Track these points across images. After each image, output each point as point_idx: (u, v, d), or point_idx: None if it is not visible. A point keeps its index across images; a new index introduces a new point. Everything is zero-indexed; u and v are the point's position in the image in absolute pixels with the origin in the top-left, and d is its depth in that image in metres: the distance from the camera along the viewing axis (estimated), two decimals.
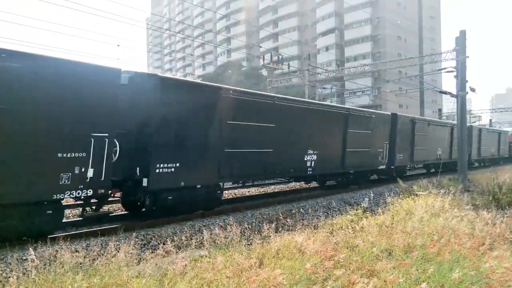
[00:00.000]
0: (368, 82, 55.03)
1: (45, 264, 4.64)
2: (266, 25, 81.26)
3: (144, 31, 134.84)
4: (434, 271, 4.84)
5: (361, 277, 4.62)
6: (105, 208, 9.35)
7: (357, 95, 39.00)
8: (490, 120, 61.27)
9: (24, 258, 5.37)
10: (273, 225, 7.29)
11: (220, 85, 10.28)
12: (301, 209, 11.06)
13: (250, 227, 8.51)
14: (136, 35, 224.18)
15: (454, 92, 19.87)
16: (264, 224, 7.28)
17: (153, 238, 7.36)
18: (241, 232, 6.60)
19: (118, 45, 33.35)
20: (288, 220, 9.53)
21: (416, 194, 11.70)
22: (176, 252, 5.72)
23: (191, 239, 6.14)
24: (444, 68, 22.19)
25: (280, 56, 35.72)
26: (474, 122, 50.17)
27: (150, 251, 5.72)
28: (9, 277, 4.19)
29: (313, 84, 34.43)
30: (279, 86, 34.72)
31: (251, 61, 77.54)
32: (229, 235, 6.32)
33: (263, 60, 35.92)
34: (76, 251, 5.11)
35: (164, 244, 5.47)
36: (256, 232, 7.02)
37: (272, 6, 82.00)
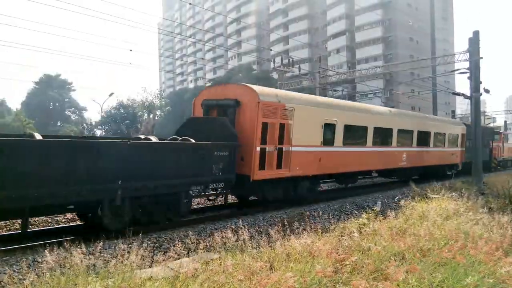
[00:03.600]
0: (380, 84, 54.53)
1: (60, 266, 4.72)
2: (276, 28, 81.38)
3: (156, 35, 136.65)
4: (448, 276, 4.76)
5: (373, 280, 4.57)
6: None
7: (368, 97, 38.72)
8: (505, 121, 60.00)
9: (39, 260, 5.48)
10: (284, 228, 7.27)
11: None
12: (313, 212, 10.99)
13: (260, 230, 8.50)
14: (148, 40, 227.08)
15: (468, 94, 19.58)
16: (275, 227, 7.27)
17: (165, 241, 7.43)
18: (251, 235, 6.59)
19: (131, 50, 33.83)
20: (299, 223, 9.48)
21: (429, 197, 11.53)
22: (188, 255, 5.75)
23: (202, 242, 6.17)
24: (457, 70, 21.92)
25: (291, 59, 35.74)
26: (489, 124, 49.23)
27: (162, 253, 5.78)
28: (24, 279, 4.27)
29: (324, 86, 34.32)
30: (290, 89, 34.70)
31: (261, 64, 77.69)
32: (240, 238, 6.33)
33: (274, 63, 35.96)
34: (90, 253, 5.18)
35: (175, 246, 5.51)
36: (266, 235, 7.02)
37: (283, 9, 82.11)
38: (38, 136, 7.62)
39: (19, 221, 8.22)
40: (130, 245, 5.56)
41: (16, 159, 6.39)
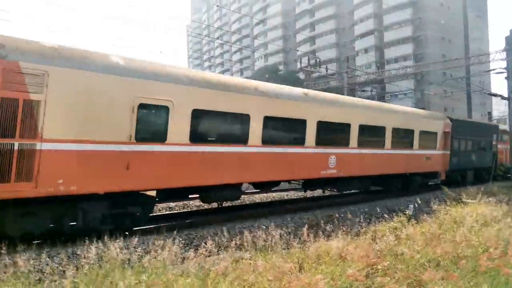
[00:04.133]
0: (410, 84, 53.11)
1: (99, 259, 4.90)
2: (303, 29, 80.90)
3: (184, 37, 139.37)
4: (488, 285, 4.56)
5: (407, 286, 4.45)
6: None
7: (398, 98, 37.71)
8: None
9: (78, 253, 5.71)
10: (315, 229, 7.22)
11: None
12: (342, 215, 10.85)
13: (289, 231, 8.47)
14: (177, 42, 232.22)
15: (505, 95, 18.74)
16: (304, 228, 7.23)
17: (195, 238, 7.56)
18: (280, 236, 6.59)
19: (161, 52, 34.68)
20: (328, 225, 9.40)
21: (465, 202, 11.11)
22: (218, 253, 5.82)
23: (232, 240, 6.23)
24: (493, 69, 21.06)
25: (318, 59, 35.42)
26: None
27: (193, 250, 5.88)
28: (65, 271, 4.46)
29: (352, 86, 33.80)
30: (317, 89, 34.42)
31: (288, 65, 77.47)
32: (268, 238, 6.33)
33: (300, 63, 35.77)
34: (125, 248, 5.34)
35: (205, 243, 5.61)
36: (295, 236, 6.99)
37: (309, 9, 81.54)
38: None
39: None
40: (164, 241, 5.69)
41: None
